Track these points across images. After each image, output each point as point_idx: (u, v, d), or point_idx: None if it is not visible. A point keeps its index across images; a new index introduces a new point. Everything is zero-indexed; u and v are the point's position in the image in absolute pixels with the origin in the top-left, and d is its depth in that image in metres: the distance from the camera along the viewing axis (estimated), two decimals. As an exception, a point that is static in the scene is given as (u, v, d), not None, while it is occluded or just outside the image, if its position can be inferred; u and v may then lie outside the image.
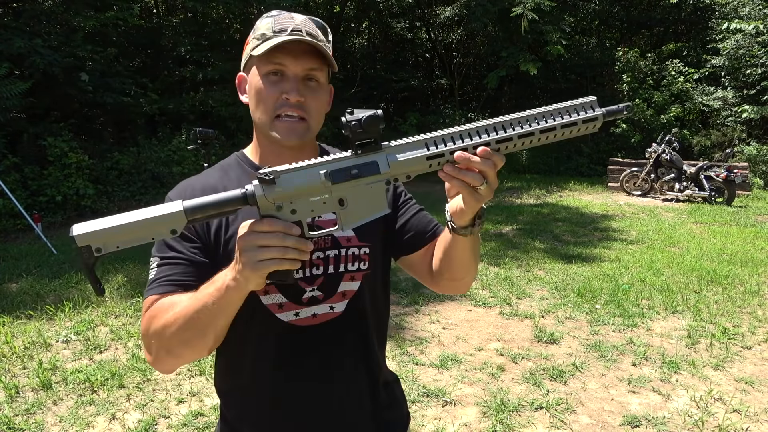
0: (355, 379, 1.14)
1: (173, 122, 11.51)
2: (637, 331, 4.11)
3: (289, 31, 1.01)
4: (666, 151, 10.43)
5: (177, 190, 1.11)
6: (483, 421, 2.92)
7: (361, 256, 1.12)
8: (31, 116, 9.34)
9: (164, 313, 0.95)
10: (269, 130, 1.05)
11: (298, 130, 1.04)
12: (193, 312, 0.91)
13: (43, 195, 8.26)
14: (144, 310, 1.00)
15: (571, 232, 7.62)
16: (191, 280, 0.99)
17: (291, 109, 1.03)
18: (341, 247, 1.10)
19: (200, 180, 1.12)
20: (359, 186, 0.89)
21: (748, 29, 12.09)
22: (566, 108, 0.90)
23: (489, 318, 4.40)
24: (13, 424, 2.88)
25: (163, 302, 0.97)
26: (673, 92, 14.03)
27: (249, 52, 1.07)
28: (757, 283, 5.20)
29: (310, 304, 1.07)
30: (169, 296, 0.98)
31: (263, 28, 1.03)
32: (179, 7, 13.95)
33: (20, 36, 8.15)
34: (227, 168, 1.15)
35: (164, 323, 0.94)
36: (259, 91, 1.04)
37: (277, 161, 1.06)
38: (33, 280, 5.35)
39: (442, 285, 1.16)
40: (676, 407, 3.04)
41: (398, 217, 1.21)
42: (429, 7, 17.37)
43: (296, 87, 1.02)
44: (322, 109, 1.08)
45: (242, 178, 1.09)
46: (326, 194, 0.89)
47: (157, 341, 0.96)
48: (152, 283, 1.01)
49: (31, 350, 3.78)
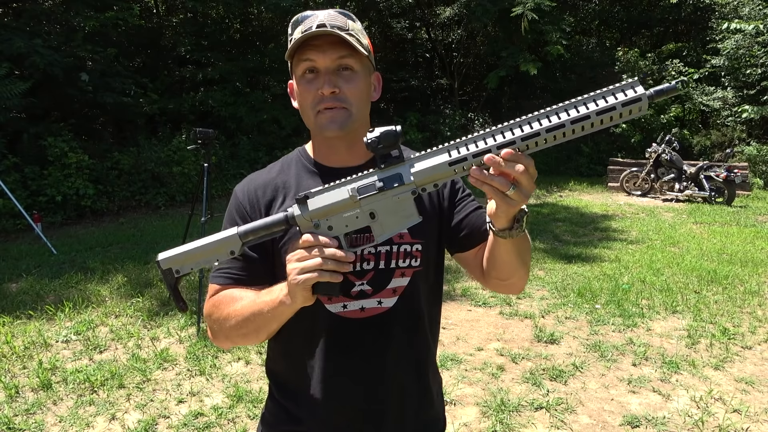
0: (400, 375, 1.15)
1: (173, 122, 11.50)
2: (637, 331, 4.11)
3: (314, 28, 1.03)
4: (666, 151, 10.43)
5: (242, 183, 1.20)
6: (483, 421, 2.92)
7: (413, 253, 1.14)
8: (31, 116, 9.33)
9: (226, 306, 1.07)
10: (315, 127, 1.09)
11: (338, 119, 1.06)
12: (250, 314, 1.02)
13: (43, 195, 8.26)
14: (209, 294, 1.14)
15: (571, 232, 7.62)
16: (244, 275, 1.11)
17: (328, 103, 1.05)
18: (393, 244, 1.12)
19: (262, 175, 1.20)
20: (387, 198, 0.93)
21: (748, 29, 12.08)
22: (601, 93, 0.83)
23: (489, 318, 4.40)
24: (13, 424, 2.88)
25: (225, 295, 1.09)
26: (673, 92, 14.02)
27: (288, 60, 1.10)
28: (757, 283, 5.20)
29: (358, 297, 1.10)
30: (230, 289, 1.10)
31: (296, 33, 1.06)
32: (179, 7, 13.93)
33: (20, 36, 8.15)
34: (289, 163, 1.21)
35: (225, 315, 1.06)
36: (299, 92, 1.09)
37: (330, 154, 1.16)
38: (33, 280, 5.35)
39: (492, 284, 1.17)
40: (676, 407, 3.04)
41: (454, 214, 1.21)
42: (429, 7, 17.37)
43: (329, 80, 1.04)
44: (362, 95, 1.09)
45: (300, 173, 1.17)
46: (357, 209, 0.94)
47: (218, 327, 1.09)
48: (216, 272, 1.13)
49: (31, 350, 3.78)
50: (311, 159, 1.19)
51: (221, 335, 1.10)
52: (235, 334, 1.07)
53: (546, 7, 12.32)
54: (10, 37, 8.04)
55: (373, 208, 0.94)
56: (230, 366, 3.55)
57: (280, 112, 11.83)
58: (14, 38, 7.99)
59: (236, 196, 1.18)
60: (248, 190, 1.17)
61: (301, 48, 1.05)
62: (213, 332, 1.12)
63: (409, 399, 1.17)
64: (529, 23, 12.28)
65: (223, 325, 1.07)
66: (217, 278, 1.12)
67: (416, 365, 1.18)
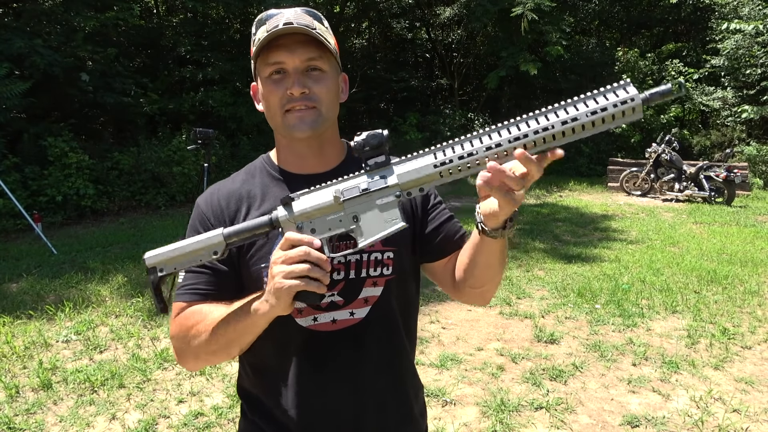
0: (376, 388, 1.11)
1: (173, 122, 11.50)
2: (637, 331, 4.11)
3: (280, 26, 0.99)
4: (666, 151, 10.43)
5: (205, 194, 1.15)
6: (483, 420, 2.92)
7: (384, 261, 1.10)
8: (31, 116, 9.34)
9: (194, 323, 1.01)
10: (283, 128, 1.05)
11: (308, 119, 1.03)
12: (222, 328, 0.97)
13: (43, 195, 8.26)
14: (174, 313, 1.07)
15: (571, 232, 7.62)
16: (212, 289, 1.06)
17: (297, 103, 1.02)
18: (363, 252, 1.08)
19: (226, 185, 1.15)
20: (371, 201, 0.92)
21: (747, 29, 12.09)
22: (591, 95, 0.81)
23: (489, 318, 4.41)
24: (14, 423, 2.88)
25: (193, 312, 1.03)
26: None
27: (252, 60, 1.07)
28: (757, 283, 5.20)
29: (329, 309, 1.06)
30: (197, 306, 1.04)
31: (260, 33, 1.03)
32: (179, 7, 13.93)
33: (20, 36, 8.15)
34: (253, 171, 1.16)
35: (194, 332, 1.01)
36: (265, 93, 1.05)
37: (297, 161, 1.11)
38: (33, 280, 5.35)
39: (465, 293, 1.13)
40: (676, 407, 3.04)
41: (428, 222, 1.18)
42: (429, 7, 17.37)
43: (297, 80, 1.01)
44: (331, 96, 1.06)
45: (266, 182, 1.12)
46: (341, 212, 0.93)
47: (185, 346, 1.03)
48: (180, 289, 1.07)
49: (32, 350, 3.78)
50: (276, 166, 1.14)
51: (188, 354, 1.04)
52: (204, 351, 1.01)
53: (546, 7, 12.32)
54: (10, 37, 8.04)
55: (356, 212, 0.93)
56: (230, 366, 3.55)
57: (280, 113, 11.83)
58: (14, 38, 8.00)
59: (199, 208, 1.13)
60: (212, 201, 1.12)
61: (267, 48, 1.01)
62: (179, 352, 1.06)
63: (389, 412, 1.14)
64: (529, 23, 12.28)
65: (191, 343, 1.01)
66: (183, 295, 1.06)
67: (393, 376, 1.15)
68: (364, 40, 18.52)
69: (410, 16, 17.50)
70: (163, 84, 12.00)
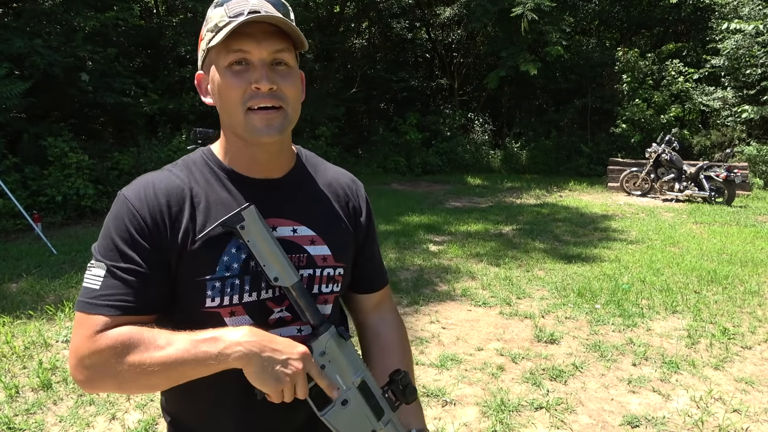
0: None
1: (173, 122, 11.51)
2: (637, 331, 4.11)
3: (245, 14, 0.88)
4: (666, 151, 10.44)
5: (135, 187, 0.96)
6: (483, 421, 2.92)
7: (335, 278, 1.03)
8: (31, 116, 9.34)
9: (137, 351, 0.84)
10: (244, 128, 0.92)
11: (276, 122, 0.92)
12: (179, 363, 0.83)
13: (43, 195, 8.26)
14: (92, 328, 0.85)
15: (571, 232, 7.62)
16: (134, 302, 0.88)
17: (264, 99, 0.90)
18: (316, 267, 1.00)
19: (164, 179, 0.97)
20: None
21: (747, 29, 12.09)
22: None
23: (489, 318, 4.41)
24: (13, 423, 2.88)
25: (132, 337, 0.85)
26: (673, 92, 14.04)
27: (205, 48, 0.95)
28: (757, 283, 5.20)
29: (276, 326, 0.97)
30: (134, 329, 0.86)
31: (216, 17, 0.91)
32: (179, 7, 13.94)
33: (20, 36, 8.15)
34: (192, 167, 1.00)
35: (138, 362, 0.83)
36: (223, 85, 0.91)
37: (250, 163, 0.99)
38: (33, 280, 5.35)
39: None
40: (676, 407, 3.04)
41: (365, 249, 1.13)
42: (429, 7, 17.37)
43: (265, 74, 0.89)
44: (297, 95, 0.96)
45: (210, 182, 0.98)
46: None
47: (109, 369, 0.85)
48: (96, 298, 0.87)
49: (31, 350, 3.78)
50: (223, 165, 0.99)
51: (109, 378, 0.85)
52: (139, 383, 0.86)
53: (546, 7, 12.33)
54: (10, 37, 8.04)
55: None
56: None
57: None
58: (14, 38, 8.00)
59: (128, 205, 0.92)
60: (147, 196, 0.92)
61: (231, 36, 0.88)
62: (96, 372, 0.85)
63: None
64: (528, 23, 12.29)
65: (127, 373, 0.84)
66: (102, 307, 0.86)
67: None
68: (364, 40, 18.53)
69: (410, 16, 17.51)
70: (163, 84, 12.01)
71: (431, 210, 9.14)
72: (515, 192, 11.59)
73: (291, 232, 0.99)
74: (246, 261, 0.93)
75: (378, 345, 1.16)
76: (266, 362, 0.84)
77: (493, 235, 7.36)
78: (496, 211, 9.11)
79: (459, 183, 12.80)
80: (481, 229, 7.78)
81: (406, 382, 0.98)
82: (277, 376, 0.84)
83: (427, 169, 14.27)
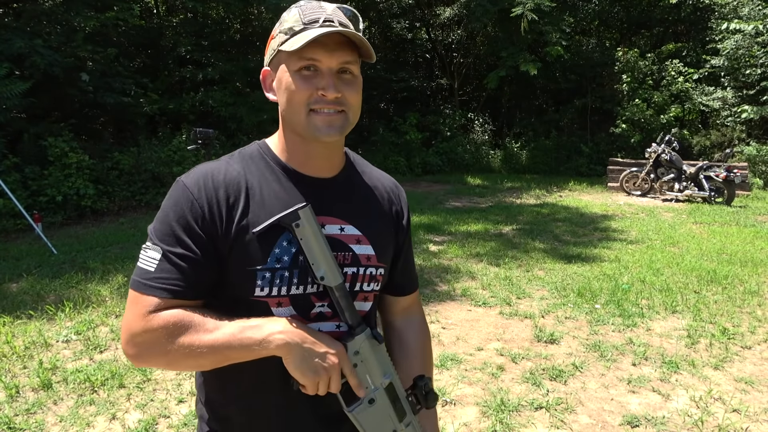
0: None
1: (173, 122, 11.52)
2: (636, 331, 4.12)
3: (320, 22, 0.94)
4: (666, 151, 10.44)
5: (194, 175, 0.99)
6: (483, 420, 2.92)
7: (377, 277, 1.07)
8: (31, 116, 9.34)
9: (188, 333, 0.90)
10: (306, 127, 0.98)
11: (337, 123, 0.97)
12: (225, 347, 0.90)
13: (43, 195, 8.26)
14: (145, 308, 0.91)
15: (571, 232, 7.62)
16: (184, 286, 0.93)
17: (328, 105, 0.96)
18: (360, 266, 1.04)
19: (222, 170, 1.00)
20: None
21: (747, 29, 12.09)
22: None
23: (489, 318, 4.41)
24: (14, 423, 2.89)
25: (184, 319, 0.91)
26: (673, 92, 14.05)
27: (276, 47, 0.99)
28: (757, 283, 5.20)
29: (317, 320, 1.01)
30: (185, 312, 0.91)
31: (291, 20, 0.97)
32: (179, 7, 13.94)
33: (21, 36, 8.15)
34: (248, 160, 1.04)
35: (189, 342, 0.89)
36: (291, 88, 0.97)
37: (307, 160, 1.04)
38: (33, 280, 5.35)
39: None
40: (676, 407, 3.04)
41: (402, 252, 1.18)
42: (429, 7, 17.38)
43: (332, 82, 0.95)
44: (359, 102, 1.02)
45: (265, 175, 1.02)
46: None
47: (159, 347, 0.91)
48: (153, 280, 0.92)
49: (32, 350, 3.78)
50: (279, 160, 1.04)
51: (161, 358, 0.92)
52: (187, 363, 0.92)
53: (546, 7, 12.34)
54: (10, 37, 8.04)
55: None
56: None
57: (280, 113, 11.85)
58: (14, 38, 8.00)
59: (187, 193, 0.96)
60: (206, 185, 0.97)
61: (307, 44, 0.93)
62: (147, 348, 0.91)
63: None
64: (528, 23, 12.29)
65: (177, 352, 0.90)
66: (156, 289, 0.91)
67: None
68: (364, 40, 18.52)
69: (410, 16, 17.51)
70: (163, 84, 12.02)
71: (431, 210, 9.15)
72: (515, 192, 11.60)
73: (338, 230, 1.03)
74: (296, 255, 0.97)
75: (401, 349, 1.21)
76: (306, 353, 0.90)
77: (493, 235, 7.37)
78: (496, 211, 9.11)
79: (459, 183, 12.80)
80: (481, 229, 7.78)
81: (429, 388, 1.04)
82: (315, 368, 0.90)
83: (427, 169, 14.28)
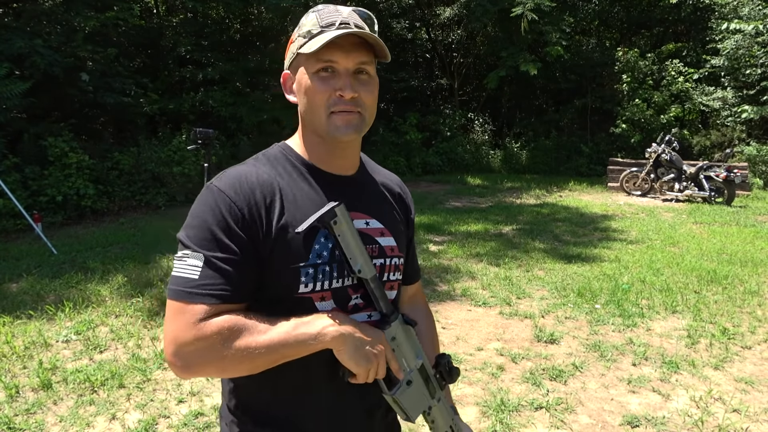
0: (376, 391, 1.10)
1: (173, 122, 11.51)
2: (636, 331, 4.12)
3: (337, 24, 0.98)
4: (666, 151, 10.44)
5: (227, 179, 1.00)
6: (483, 420, 2.92)
7: (399, 266, 1.14)
8: (31, 116, 9.34)
9: (241, 336, 0.90)
10: (326, 128, 1.01)
11: (354, 123, 1.02)
12: (281, 346, 0.92)
13: (43, 195, 8.26)
14: (196, 316, 0.90)
15: (571, 232, 7.62)
16: (230, 290, 0.93)
17: (345, 106, 1.00)
18: (386, 257, 1.10)
19: (253, 173, 1.02)
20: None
21: (747, 29, 12.09)
22: None
23: (489, 318, 4.41)
24: (13, 423, 2.88)
25: (237, 323, 0.91)
26: (673, 92, 14.04)
27: (295, 51, 1.03)
28: (757, 283, 5.20)
29: (353, 311, 1.05)
30: (235, 316, 0.92)
31: (309, 24, 1.01)
32: (179, 7, 13.94)
33: (21, 36, 8.15)
34: (274, 161, 1.07)
35: (244, 346, 0.90)
36: (310, 89, 1.01)
37: (328, 158, 1.09)
38: (33, 280, 5.35)
39: None
40: (676, 407, 3.04)
41: (409, 244, 1.25)
42: (429, 7, 17.38)
43: (349, 83, 0.99)
44: (375, 102, 1.06)
45: (293, 174, 1.06)
46: None
47: (212, 355, 0.90)
48: (198, 287, 0.92)
49: (32, 350, 3.78)
50: (303, 160, 1.08)
51: (214, 365, 0.92)
52: (242, 366, 0.93)
53: (546, 7, 12.34)
54: (10, 37, 8.04)
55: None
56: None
57: (280, 112, 11.85)
58: (14, 38, 8.00)
59: (224, 196, 0.96)
60: (242, 188, 0.98)
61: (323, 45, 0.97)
62: (198, 358, 0.91)
63: (386, 416, 1.15)
64: (528, 23, 12.29)
65: (233, 357, 0.90)
66: (204, 296, 0.91)
67: None
68: (364, 40, 18.52)
69: (410, 16, 17.51)
70: (163, 84, 12.01)
71: (431, 210, 9.15)
72: (515, 192, 11.60)
73: (364, 224, 1.08)
74: (332, 249, 1.01)
75: None
76: (358, 342, 0.96)
77: (493, 235, 7.37)
78: (496, 211, 9.11)
79: (459, 183, 12.80)
80: (481, 229, 7.78)
81: (451, 365, 1.13)
82: (367, 356, 0.96)
83: (427, 169, 14.28)
